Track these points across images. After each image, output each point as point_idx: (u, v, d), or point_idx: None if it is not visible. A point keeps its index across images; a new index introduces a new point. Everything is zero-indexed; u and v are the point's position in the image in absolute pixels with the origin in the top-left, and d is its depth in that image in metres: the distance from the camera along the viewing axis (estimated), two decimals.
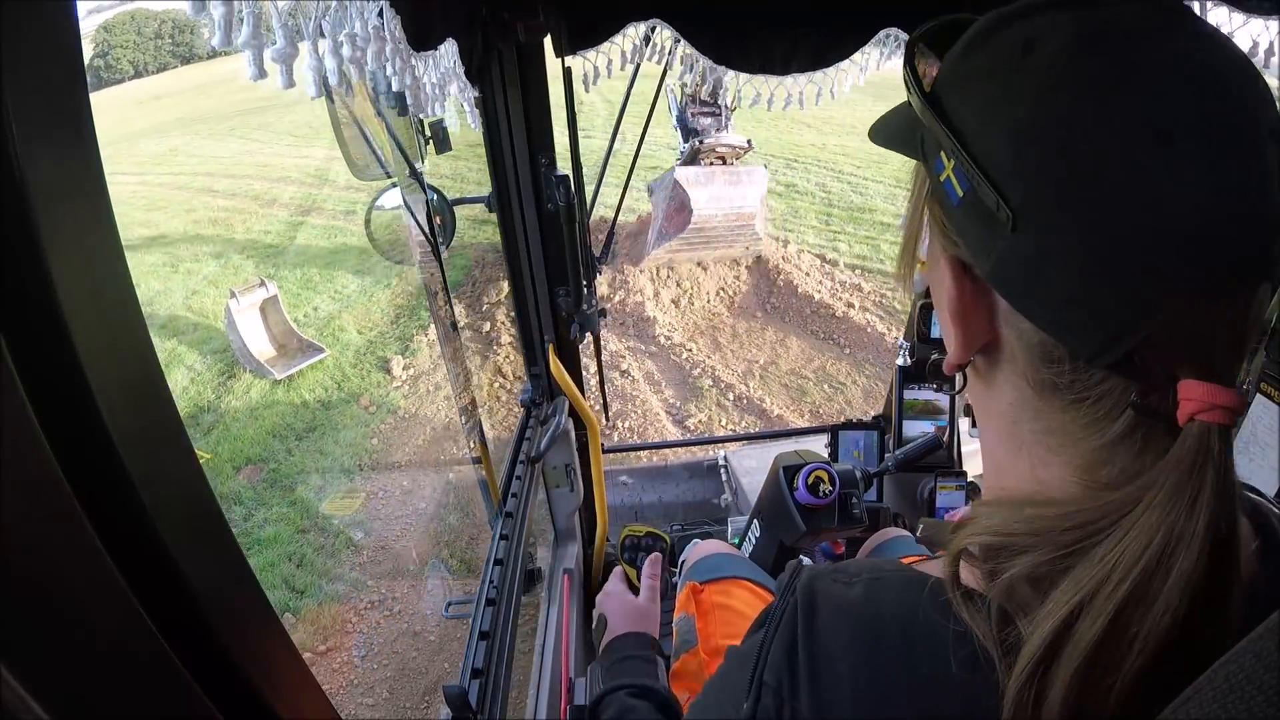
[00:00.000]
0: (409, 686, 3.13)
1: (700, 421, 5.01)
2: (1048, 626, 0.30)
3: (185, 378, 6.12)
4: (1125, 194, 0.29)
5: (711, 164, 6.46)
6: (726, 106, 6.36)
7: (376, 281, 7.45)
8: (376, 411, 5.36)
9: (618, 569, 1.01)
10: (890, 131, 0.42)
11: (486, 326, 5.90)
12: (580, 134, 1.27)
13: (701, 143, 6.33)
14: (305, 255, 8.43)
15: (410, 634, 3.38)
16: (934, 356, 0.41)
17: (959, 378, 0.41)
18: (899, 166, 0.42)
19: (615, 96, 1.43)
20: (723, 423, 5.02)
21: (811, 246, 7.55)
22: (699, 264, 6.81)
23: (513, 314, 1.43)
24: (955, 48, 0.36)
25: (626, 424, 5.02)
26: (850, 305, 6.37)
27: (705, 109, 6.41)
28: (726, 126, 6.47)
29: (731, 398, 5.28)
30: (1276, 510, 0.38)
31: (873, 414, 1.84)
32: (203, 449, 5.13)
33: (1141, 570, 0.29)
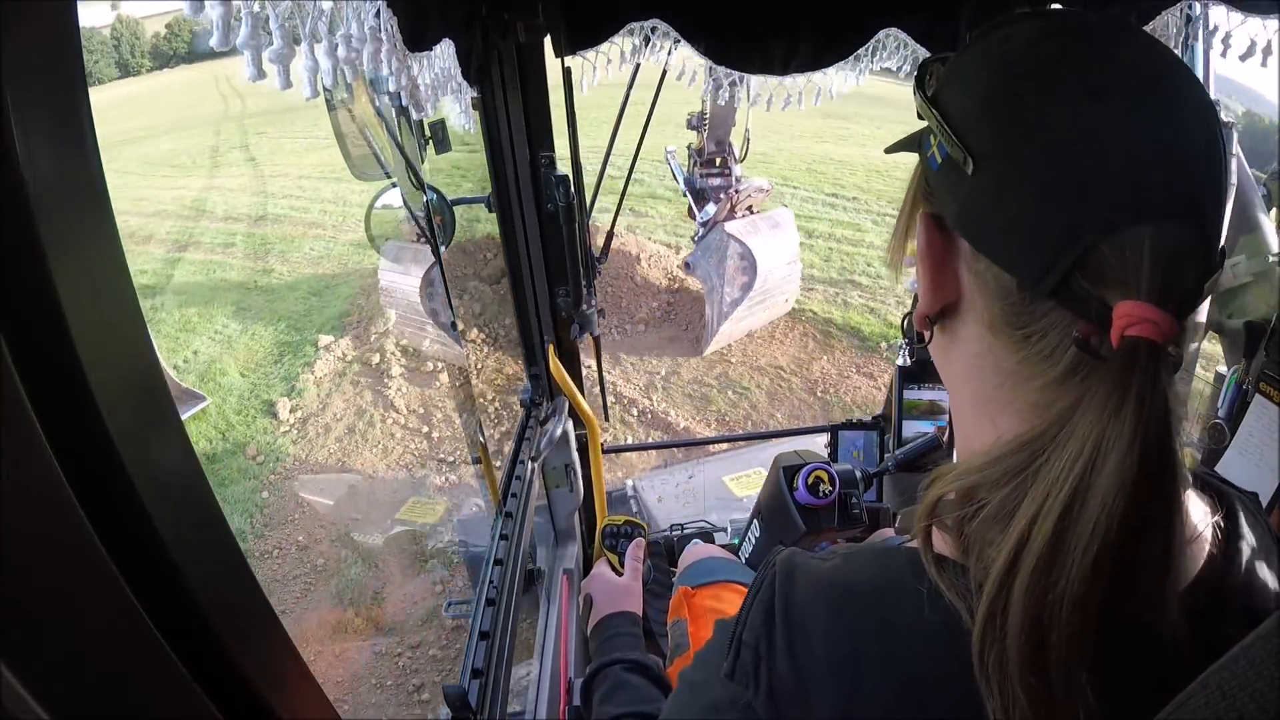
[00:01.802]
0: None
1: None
2: (1009, 545, 0.33)
3: None
4: (1061, 136, 0.35)
5: (744, 215, 5.99)
6: (734, 161, 5.95)
7: (257, 318, 7.04)
8: (265, 460, 4.97)
9: (601, 558, 1.05)
10: (901, 142, 0.48)
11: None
12: (580, 135, 1.27)
13: (736, 194, 5.87)
14: (183, 294, 7.84)
15: (330, 688, 3.12)
16: (905, 313, 0.43)
17: (927, 333, 0.46)
18: (783, 166, 0.45)
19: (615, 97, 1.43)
20: (626, 438, 4.85)
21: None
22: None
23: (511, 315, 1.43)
24: (952, 57, 0.43)
25: None
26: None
27: (712, 170, 5.98)
28: (738, 183, 6.04)
29: (635, 412, 5.16)
30: (1240, 495, 0.41)
31: (871, 415, 1.84)
32: None
33: (1080, 471, 0.32)
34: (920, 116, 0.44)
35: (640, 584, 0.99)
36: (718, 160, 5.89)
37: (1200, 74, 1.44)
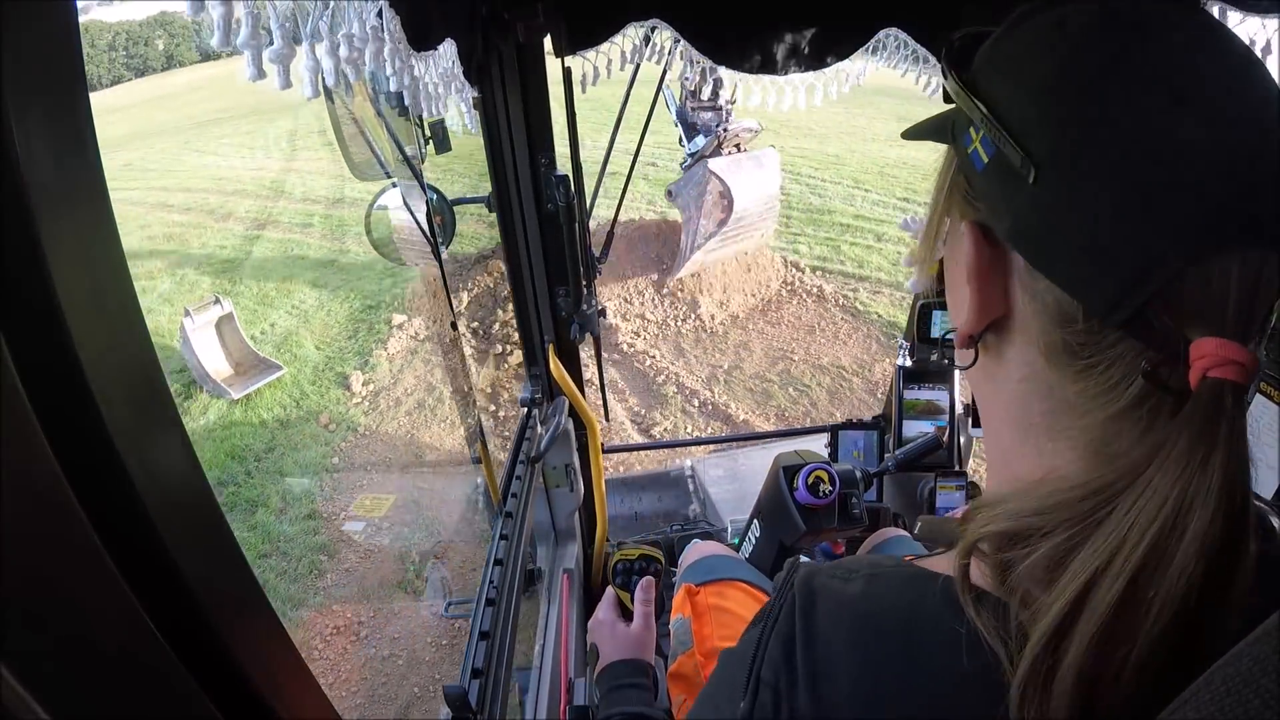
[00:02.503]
0: (379, 711, 3.04)
1: (665, 429, 4.90)
2: (1064, 599, 0.30)
3: None
4: (1140, 147, 0.31)
5: (731, 152, 6.16)
6: (726, 100, 6.12)
7: (333, 295, 7.30)
8: (336, 429, 5.15)
9: (610, 592, 0.99)
10: (924, 127, 0.44)
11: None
12: (580, 134, 1.27)
13: (725, 130, 6.06)
14: (261, 270, 8.19)
15: (379, 659, 3.25)
16: (947, 332, 0.40)
17: (970, 353, 0.41)
18: (855, 169, 0.42)
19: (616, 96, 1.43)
20: (689, 430, 4.89)
21: (773, 248, 7.49)
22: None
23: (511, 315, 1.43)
24: (988, 41, 0.38)
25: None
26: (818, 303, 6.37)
27: (705, 104, 6.19)
28: (729, 117, 6.23)
29: (696, 404, 5.21)
30: (1272, 511, 0.37)
31: (871, 414, 1.84)
32: None
33: (1157, 531, 0.29)
34: (949, 100, 0.39)
35: (653, 630, 0.92)
36: (714, 96, 5.94)
37: None
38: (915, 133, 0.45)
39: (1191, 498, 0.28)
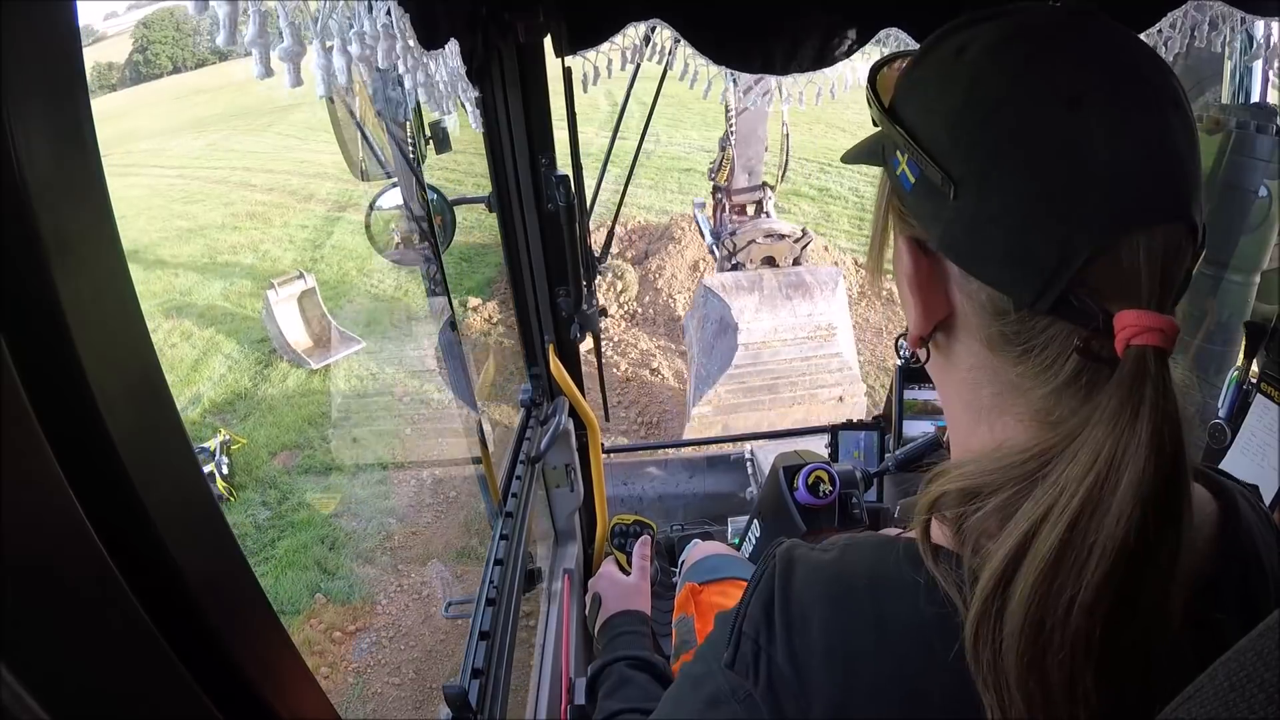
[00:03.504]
0: (435, 669, 3.20)
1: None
2: (1008, 545, 0.33)
3: (223, 365, 6.32)
4: (1043, 152, 0.34)
5: (759, 268, 4.37)
6: (769, 201, 4.50)
7: (410, 275, 7.55)
8: (410, 402, 5.45)
9: (609, 555, 1.06)
10: (858, 151, 0.47)
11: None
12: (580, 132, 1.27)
13: (735, 233, 4.34)
14: (342, 251, 8.53)
15: (439, 618, 3.46)
16: (898, 335, 0.43)
17: (924, 351, 0.45)
18: None
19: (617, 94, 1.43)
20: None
21: (845, 249, 7.53)
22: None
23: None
24: (903, 69, 0.42)
25: (661, 425, 5.03)
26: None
27: (744, 217, 4.53)
28: (768, 214, 4.58)
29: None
30: (1240, 488, 0.41)
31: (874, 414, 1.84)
32: (238, 434, 5.32)
33: (1091, 482, 0.32)
34: (876, 124, 0.43)
35: (648, 583, 0.99)
36: (749, 205, 4.58)
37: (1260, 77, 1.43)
38: (851, 157, 0.48)
39: (1123, 450, 0.31)
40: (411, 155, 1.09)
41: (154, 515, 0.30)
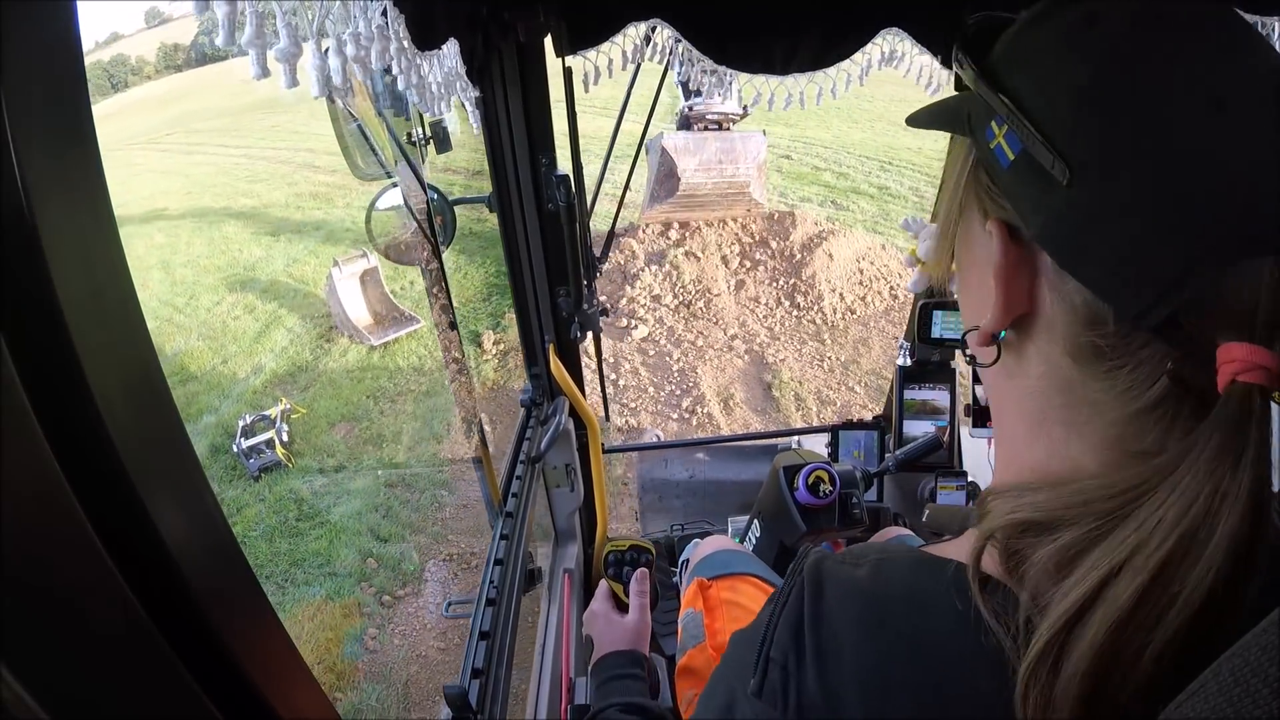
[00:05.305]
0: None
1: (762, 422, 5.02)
2: (1084, 586, 0.30)
3: (285, 338, 6.51)
4: (1180, 155, 0.31)
5: (705, 129, 6.33)
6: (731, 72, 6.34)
7: (471, 260, 7.84)
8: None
9: (603, 585, 0.98)
10: (932, 113, 0.43)
11: None
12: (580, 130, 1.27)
13: (691, 109, 6.22)
14: None
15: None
16: (966, 330, 0.40)
17: (991, 350, 0.40)
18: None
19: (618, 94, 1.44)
20: (795, 423, 5.03)
21: (903, 249, 7.51)
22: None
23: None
24: (1008, 32, 0.37)
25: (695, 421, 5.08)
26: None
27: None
28: (730, 91, 6.33)
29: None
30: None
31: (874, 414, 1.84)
32: (299, 405, 5.50)
33: (1186, 528, 0.29)
34: (960, 88, 0.38)
35: (647, 621, 0.92)
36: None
37: None
38: (921, 120, 0.43)
39: (1222, 498, 0.29)
40: (412, 155, 1.10)
41: (154, 515, 0.30)
